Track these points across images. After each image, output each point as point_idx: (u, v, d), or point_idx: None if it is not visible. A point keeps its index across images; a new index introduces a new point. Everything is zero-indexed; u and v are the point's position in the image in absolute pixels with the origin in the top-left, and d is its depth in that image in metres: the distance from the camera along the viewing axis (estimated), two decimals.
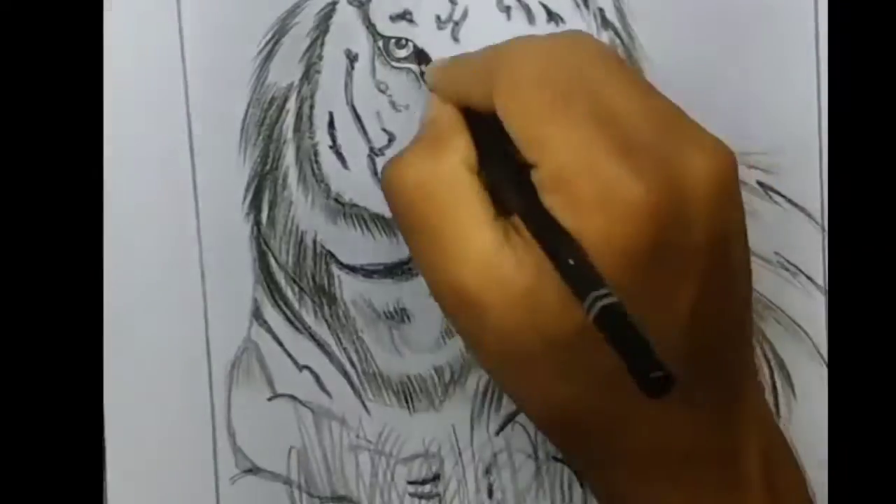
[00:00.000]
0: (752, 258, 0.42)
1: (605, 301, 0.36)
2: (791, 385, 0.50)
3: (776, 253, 0.48)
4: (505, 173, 0.41)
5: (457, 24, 0.47)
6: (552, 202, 0.38)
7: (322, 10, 0.48)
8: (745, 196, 0.48)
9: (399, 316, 0.49)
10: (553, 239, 0.38)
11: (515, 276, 0.38)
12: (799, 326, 0.49)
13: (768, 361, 0.49)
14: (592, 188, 0.38)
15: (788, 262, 0.48)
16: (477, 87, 0.41)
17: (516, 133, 0.39)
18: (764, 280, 0.45)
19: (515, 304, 0.38)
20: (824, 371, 0.49)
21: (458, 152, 0.41)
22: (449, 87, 0.43)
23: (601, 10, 0.48)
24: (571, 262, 0.37)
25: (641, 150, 0.38)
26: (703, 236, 0.38)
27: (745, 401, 0.40)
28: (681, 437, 0.39)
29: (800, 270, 0.48)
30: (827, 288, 0.48)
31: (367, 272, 0.49)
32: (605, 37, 0.48)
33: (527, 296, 0.38)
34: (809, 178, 0.48)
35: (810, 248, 0.48)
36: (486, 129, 0.41)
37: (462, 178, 0.40)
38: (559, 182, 0.38)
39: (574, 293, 0.37)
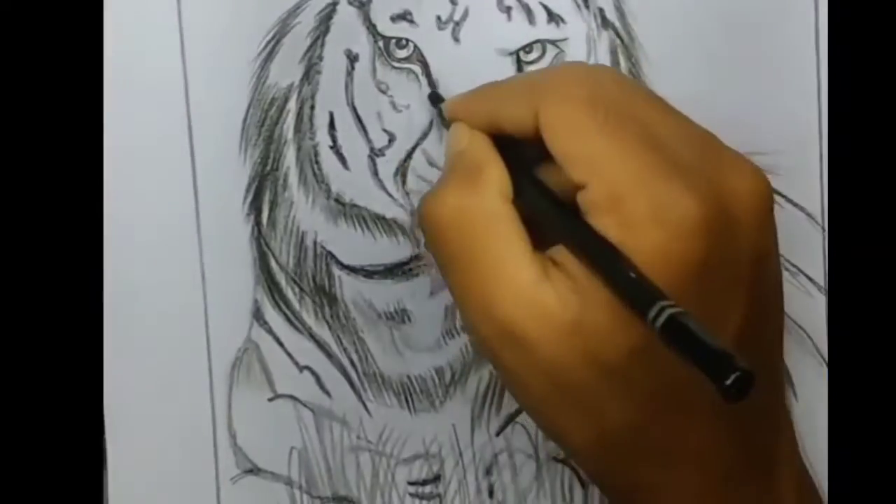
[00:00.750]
0: None
1: (672, 310, 0.35)
2: (791, 385, 0.49)
3: None
4: (540, 199, 0.40)
5: (457, 24, 0.47)
6: (605, 221, 0.38)
7: (322, 10, 0.48)
8: None
9: (399, 316, 0.49)
10: (606, 259, 0.38)
11: (561, 309, 0.38)
12: (799, 326, 0.49)
13: None
14: (646, 206, 0.38)
15: (789, 262, 0.48)
16: (517, 108, 0.41)
17: (564, 152, 0.39)
18: None
19: (564, 337, 0.38)
20: (824, 371, 0.49)
21: (494, 184, 0.40)
22: (479, 113, 0.42)
23: (601, 10, 0.48)
24: (633, 275, 0.37)
25: (688, 170, 0.38)
26: (748, 256, 0.38)
27: (778, 426, 0.41)
28: (723, 458, 0.39)
29: (800, 270, 0.48)
30: (827, 288, 0.48)
31: (367, 273, 0.49)
32: (605, 37, 0.48)
33: (575, 327, 0.38)
34: (809, 178, 0.48)
35: (810, 248, 0.48)
36: (515, 155, 0.41)
37: (499, 211, 0.40)
38: (613, 201, 0.38)
39: (633, 309, 0.37)
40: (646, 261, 0.37)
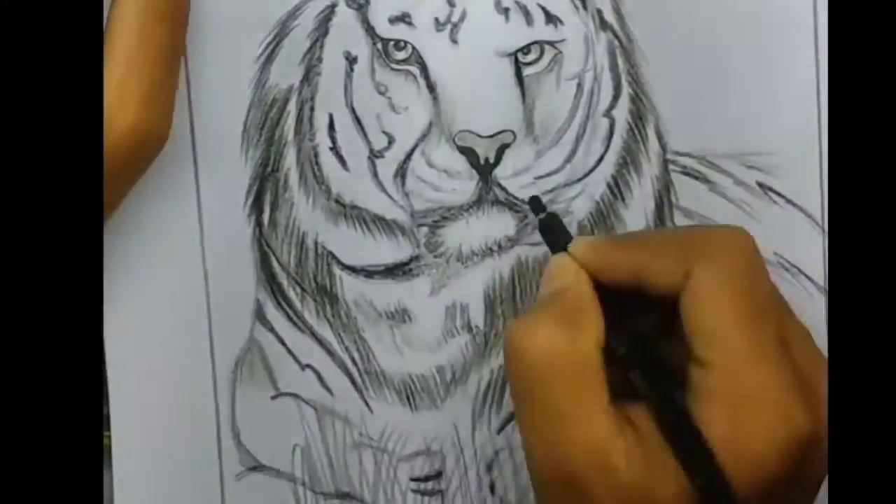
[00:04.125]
0: None
1: None
2: None
3: (776, 253, 0.48)
4: (637, 356, 0.41)
5: (455, 25, 0.47)
6: (714, 413, 0.39)
7: (321, 12, 0.48)
8: (745, 196, 0.48)
9: (400, 316, 0.49)
10: (688, 447, 0.39)
11: (626, 469, 0.39)
12: None
13: None
14: (763, 418, 0.38)
15: (788, 262, 0.48)
16: (667, 264, 0.40)
17: (701, 324, 0.39)
18: None
19: (622, 496, 0.39)
20: None
21: (592, 332, 0.40)
22: (622, 263, 0.42)
23: (599, 11, 0.48)
24: (701, 483, 0.38)
25: (808, 387, 0.39)
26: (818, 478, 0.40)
27: None
28: None
29: (800, 270, 0.48)
30: (827, 288, 0.48)
31: (368, 273, 0.49)
32: (603, 38, 0.48)
33: (635, 490, 0.39)
34: (809, 178, 0.48)
35: (810, 248, 0.48)
36: (617, 304, 0.41)
37: (592, 361, 0.40)
38: (732, 398, 0.38)
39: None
40: (732, 464, 0.38)
